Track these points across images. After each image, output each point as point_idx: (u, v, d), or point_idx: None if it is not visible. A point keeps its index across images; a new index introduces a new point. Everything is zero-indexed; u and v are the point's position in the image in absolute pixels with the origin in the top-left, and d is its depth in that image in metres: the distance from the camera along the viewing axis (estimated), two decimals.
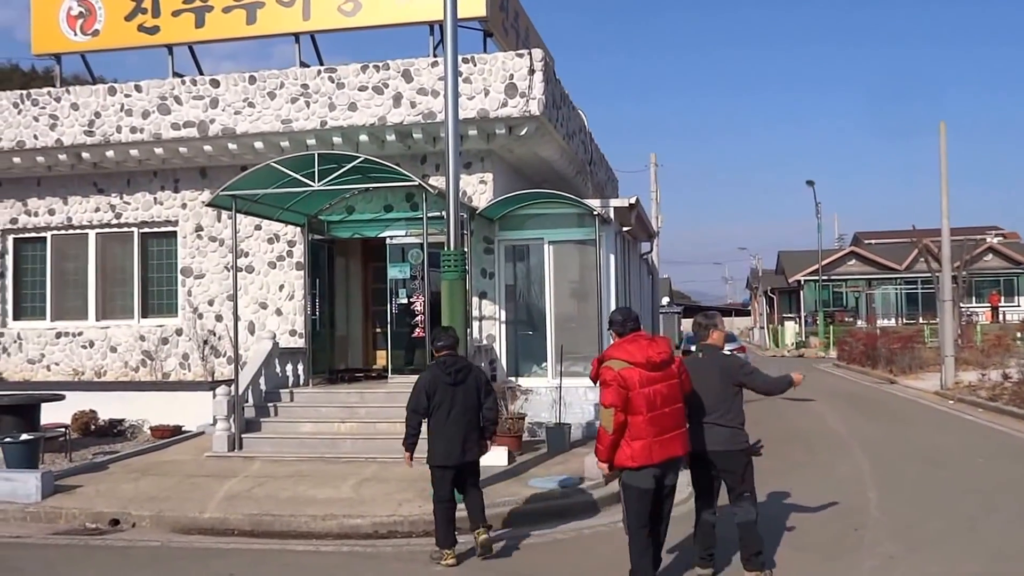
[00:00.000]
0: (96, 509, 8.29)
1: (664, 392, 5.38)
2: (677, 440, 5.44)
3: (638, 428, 5.30)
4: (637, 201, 12.26)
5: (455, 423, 6.48)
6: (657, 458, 5.32)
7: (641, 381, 5.32)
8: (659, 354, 5.44)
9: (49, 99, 13.34)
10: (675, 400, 5.47)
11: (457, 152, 8.80)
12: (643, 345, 5.47)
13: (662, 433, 5.33)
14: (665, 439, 5.35)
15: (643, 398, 5.30)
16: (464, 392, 6.56)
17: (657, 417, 5.32)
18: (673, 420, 5.43)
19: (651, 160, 31.85)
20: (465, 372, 6.66)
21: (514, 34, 14.01)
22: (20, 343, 14.22)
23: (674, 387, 5.48)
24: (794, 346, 41.76)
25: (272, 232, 13.20)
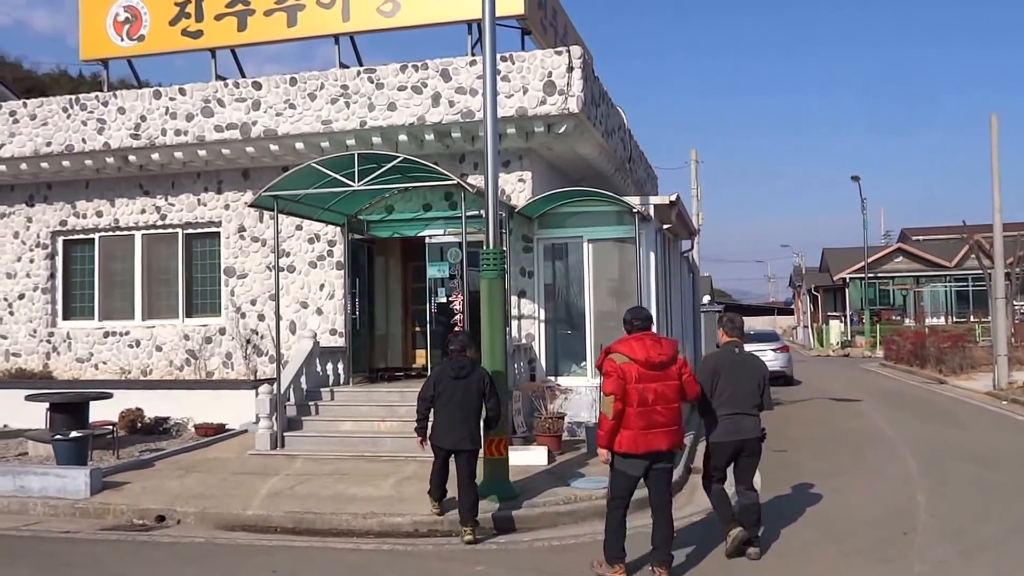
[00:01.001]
0: (143, 505, 8.43)
1: (658, 390, 5.79)
2: (663, 435, 5.84)
3: (628, 419, 5.77)
4: (678, 198, 12.08)
5: (453, 413, 7.30)
6: (642, 449, 5.80)
7: (638, 377, 5.76)
8: (659, 355, 5.86)
9: (97, 103, 13.63)
10: (670, 400, 5.86)
11: (496, 151, 8.76)
12: (647, 344, 5.89)
13: (649, 427, 5.77)
14: (651, 433, 5.79)
15: (636, 393, 5.74)
16: (465, 387, 7.33)
17: (646, 412, 5.76)
18: (664, 417, 5.83)
19: (692, 157, 31.49)
20: (468, 369, 7.42)
21: (552, 32, 13.94)
22: (70, 342, 14.57)
23: (671, 387, 5.87)
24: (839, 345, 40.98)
25: (313, 232, 13.32)
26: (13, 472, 9.16)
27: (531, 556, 6.92)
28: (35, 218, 14.85)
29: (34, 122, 13.86)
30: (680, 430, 6.03)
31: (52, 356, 14.61)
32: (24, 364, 14.61)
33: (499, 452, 8.39)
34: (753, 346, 21.75)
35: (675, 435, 5.94)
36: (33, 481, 8.99)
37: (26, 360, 14.68)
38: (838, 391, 19.43)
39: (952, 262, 42.78)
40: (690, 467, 10.20)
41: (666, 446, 5.88)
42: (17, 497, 8.87)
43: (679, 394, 5.95)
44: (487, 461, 8.43)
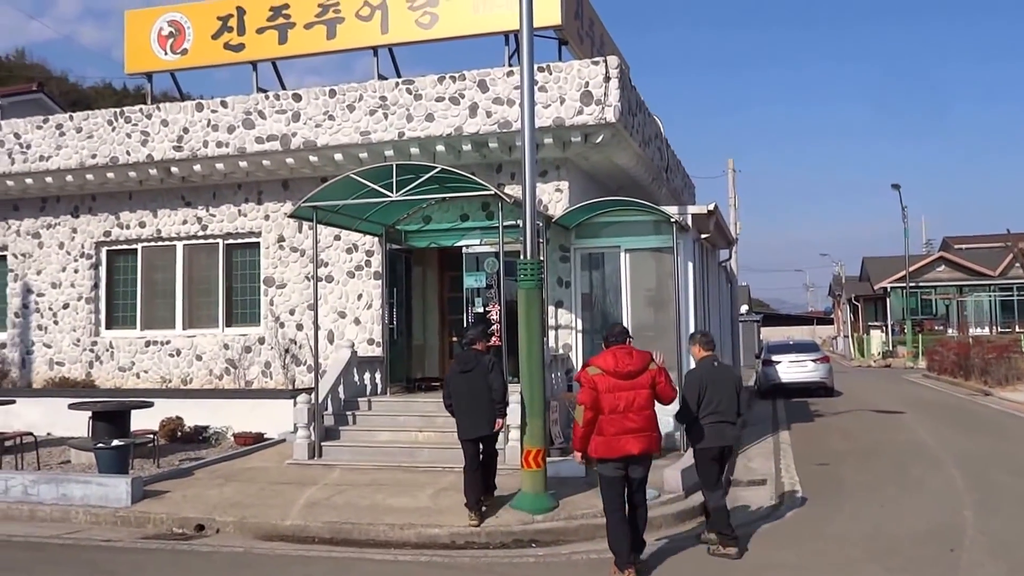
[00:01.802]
0: (183, 514, 8.51)
1: (629, 398, 6.27)
2: (634, 440, 6.26)
3: (601, 426, 6.26)
4: (715, 208, 11.95)
5: (466, 405, 8.08)
6: (614, 453, 6.25)
7: (608, 387, 6.26)
8: (628, 365, 6.34)
9: (141, 116, 13.90)
10: (642, 407, 6.31)
11: (534, 161, 8.73)
12: (618, 356, 6.40)
13: (620, 433, 6.23)
14: (623, 438, 6.24)
15: (608, 401, 6.24)
16: (471, 379, 8.07)
17: (617, 419, 6.23)
18: (635, 424, 6.27)
19: (728, 166, 31.24)
20: (473, 362, 8.16)
21: (589, 42, 13.91)
22: (112, 351, 14.82)
23: (642, 395, 6.33)
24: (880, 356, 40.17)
25: (351, 242, 13.41)
26: (56, 480, 9.31)
27: (569, 569, 6.86)
28: (80, 229, 15.16)
29: (80, 135, 14.17)
30: (655, 436, 6.44)
31: (95, 365, 14.87)
32: (68, 373, 14.88)
33: (536, 464, 8.32)
34: (792, 356, 21.55)
35: (648, 440, 6.35)
36: (75, 489, 9.13)
37: (69, 369, 14.95)
38: (880, 403, 19.01)
39: (996, 271, 41.80)
40: (730, 479, 10.04)
41: (638, 450, 6.30)
42: (59, 505, 9.01)
43: (651, 401, 6.39)
44: (524, 473, 8.38)
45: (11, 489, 9.30)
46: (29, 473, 9.75)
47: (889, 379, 28.17)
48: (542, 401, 8.51)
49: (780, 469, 10.79)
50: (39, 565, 7.32)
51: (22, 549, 7.84)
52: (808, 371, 21.01)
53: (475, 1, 13.02)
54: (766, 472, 10.62)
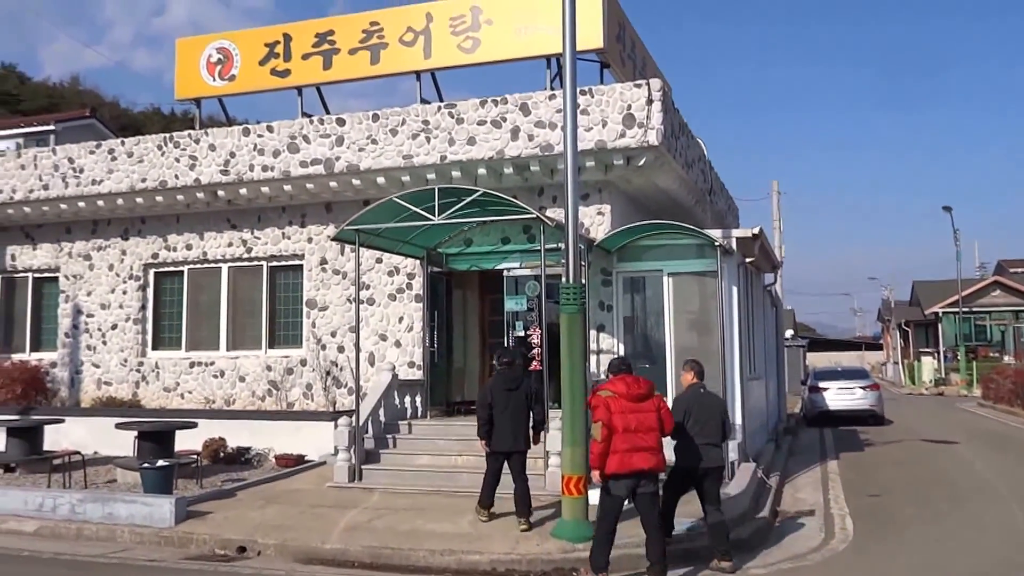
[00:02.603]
0: (225, 536, 8.52)
1: (639, 419, 6.86)
2: (644, 457, 6.81)
3: (614, 444, 6.79)
4: (761, 231, 11.74)
5: (509, 419, 8.53)
6: (627, 468, 6.78)
7: (621, 408, 6.86)
8: (638, 389, 7.00)
9: (189, 141, 14.19)
10: (650, 428, 6.89)
11: (576, 184, 8.66)
12: (628, 382, 7.07)
13: (632, 450, 6.78)
14: (635, 455, 6.79)
15: (621, 420, 6.81)
16: (516, 397, 8.59)
17: (630, 437, 6.80)
18: (644, 442, 6.83)
19: (773, 188, 30.74)
20: (518, 382, 8.75)
21: (631, 64, 13.88)
22: (158, 372, 15.04)
23: (650, 417, 6.94)
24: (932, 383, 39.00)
25: (392, 265, 13.46)
26: (103, 499, 9.42)
27: None
28: (129, 251, 15.49)
29: (131, 159, 14.52)
30: (661, 456, 6.97)
31: (141, 385, 15.10)
32: (115, 392, 15.14)
33: (577, 491, 8.17)
34: (841, 383, 21.00)
35: (656, 457, 6.89)
36: (121, 508, 9.22)
37: (117, 388, 15.21)
38: (933, 432, 18.40)
39: None
40: (776, 510, 9.76)
41: (648, 466, 6.84)
42: (105, 524, 9.10)
43: (658, 424, 6.98)
44: (565, 500, 8.23)
45: (59, 507, 9.44)
46: (77, 492, 9.89)
47: (942, 407, 27.29)
48: (584, 428, 8.36)
49: (829, 500, 10.48)
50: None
51: (69, 568, 7.92)
52: (857, 398, 20.45)
53: (517, 25, 13.10)
54: (814, 503, 10.32)
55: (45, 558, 8.24)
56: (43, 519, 9.37)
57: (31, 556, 8.31)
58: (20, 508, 9.58)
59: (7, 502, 9.71)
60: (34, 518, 9.42)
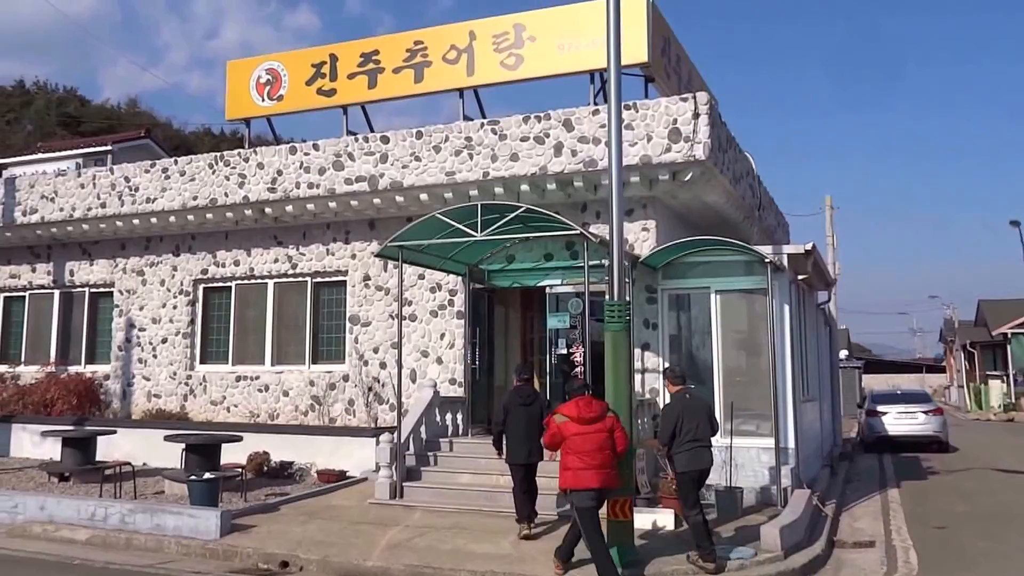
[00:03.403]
0: (268, 550, 8.54)
1: (591, 440, 7.38)
2: (595, 475, 7.31)
3: (569, 461, 7.41)
4: (814, 247, 11.43)
5: (523, 434, 8.94)
6: (582, 485, 7.31)
7: (573, 430, 7.43)
8: (589, 412, 7.54)
9: (239, 160, 14.45)
10: (601, 447, 7.39)
11: (621, 200, 8.54)
12: (580, 405, 7.60)
13: (585, 468, 7.31)
14: (589, 472, 7.30)
15: (575, 443, 7.40)
16: (529, 412, 8.99)
17: (584, 457, 7.34)
18: (597, 460, 7.34)
19: (826, 203, 30.01)
20: (533, 397, 9.25)
21: (676, 78, 13.74)
22: (205, 385, 15.27)
23: (602, 437, 7.43)
24: (1001, 408, 37.19)
25: (434, 281, 13.47)
26: (151, 510, 9.54)
27: None
28: (180, 267, 15.80)
29: (183, 178, 14.84)
30: (612, 474, 7.44)
31: (189, 398, 15.34)
32: (164, 405, 15.40)
33: (623, 514, 7.99)
34: (901, 407, 20.23)
35: (606, 475, 7.38)
36: (169, 520, 9.32)
37: (166, 401, 15.47)
38: (1004, 461, 17.55)
39: None
40: (833, 540, 9.41)
41: (598, 484, 7.32)
42: (153, 535, 9.21)
43: (609, 443, 7.45)
44: (611, 523, 8.05)
45: (110, 517, 9.60)
46: (127, 502, 10.04)
47: (1012, 434, 26.00)
48: (631, 447, 8.19)
49: (891, 531, 10.04)
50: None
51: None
52: (919, 423, 19.64)
53: (560, 41, 13.07)
54: (874, 533, 9.90)
55: (96, 567, 8.35)
56: (95, 528, 9.54)
57: (82, 564, 8.45)
58: (73, 517, 9.78)
59: (61, 511, 9.91)
60: (86, 527, 9.60)
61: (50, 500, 10.16)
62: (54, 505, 10.02)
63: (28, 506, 10.10)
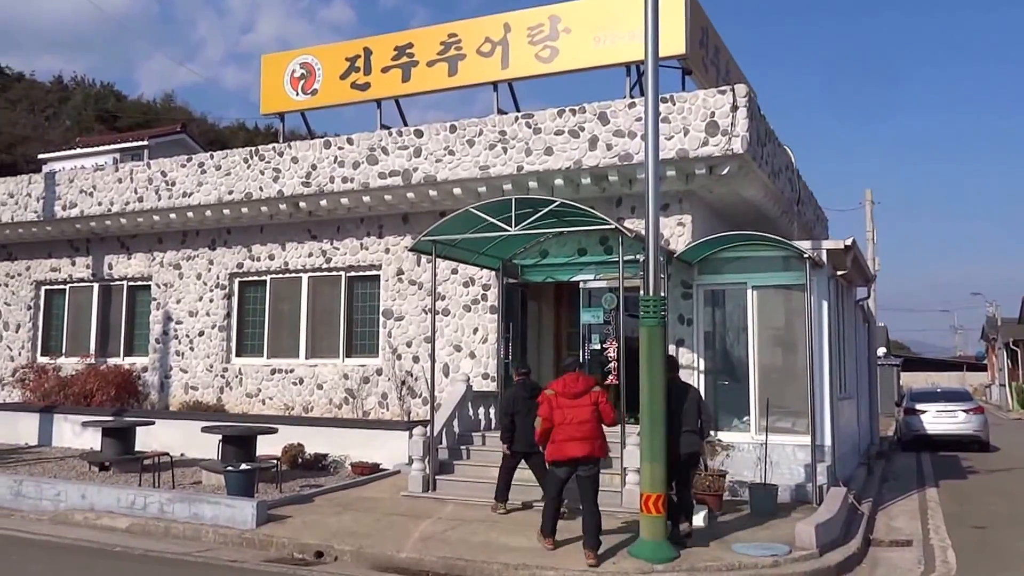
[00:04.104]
0: (303, 540, 8.62)
1: (576, 413, 7.92)
2: (578, 445, 7.85)
3: (553, 434, 7.96)
4: (853, 242, 11.23)
5: (529, 424, 8.96)
6: (563, 456, 7.91)
7: (560, 404, 8.01)
8: (575, 387, 8.09)
9: (274, 154, 14.57)
10: (584, 420, 7.91)
11: (657, 195, 8.45)
12: (567, 380, 8.18)
13: (568, 440, 7.87)
14: (571, 442, 7.86)
15: (560, 415, 7.96)
16: (535, 405, 8.85)
17: (568, 428, 7.88)
18: (580, 432, 7.87)
19: (866, 197, 29.43)
20: (536, 390, 9.34)
21: (714, 70, 13.57)
22: (241, 378, 15.45)
23: (586, 411, 7.94)
24: None
25: (468, 276, 13.48)
26: (189, 500, 9.68)
27: None
28: (216, 261, 15.99)
29: (219, 172, 15.00)
30: (597, 443, 7.91)
31: (225, 390, 15.53)
32: (201, 397, 15.61)
33: (657, 509, 7.94)
34: (941, 405, 19.84)
35: (590, 446, 7.87)
36: (206, 509, 9.45)
37: (203, 393, 15.68)
38: None
39: None
40: (869, 538, 9.25)
41: (581, 454, 7.85)
42: (191, 523, 9.35)
43: (593, 416, 7.94)
44: (644, 519, 8.01)
45: (149, 506, 9.77)
46: (165, 492, 10.20)
47: None
48: (663, 444, 8.12)
49: (928, 530, 9.85)
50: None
51: (160, 564, 8.16)
52: (959, 422, 19.25)
53: (595, 33, 12.97)
54: (912, 533, 9.73)
55: (136, 554, 8.50)
56: (134, 516, 9.71)
57: (123, 552, 8.60)
58: (114, 505, 9.96)
59: (102, 499, 10.11)
60: (126, 515, 9.77)
61: (91, 489, 10.36)
62: (95, 494, 10.21)
63: (70, 494, 10.31)
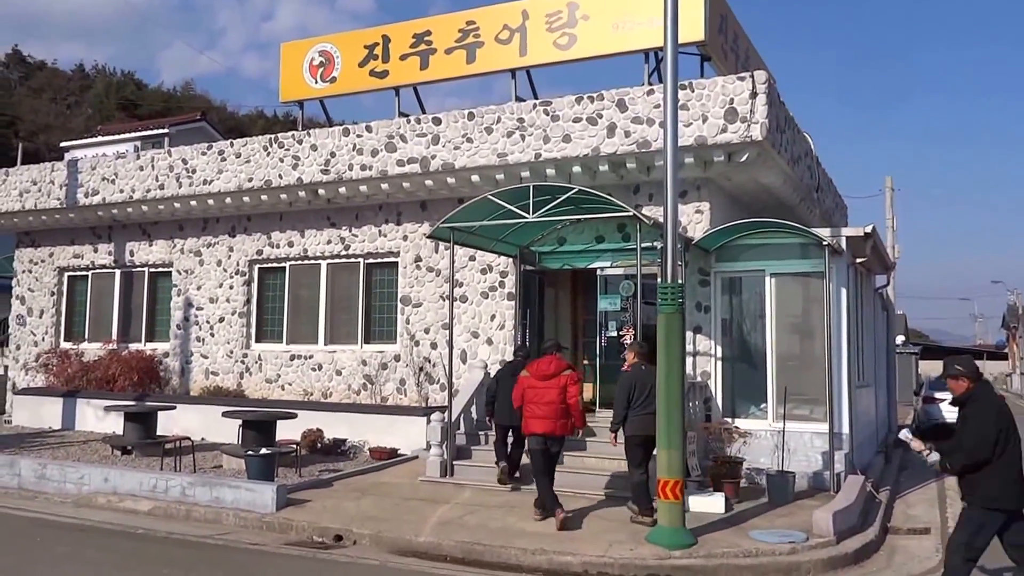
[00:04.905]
0: (322, 524, 8.73)
1: (542, 394, 8.77)
2: (540, 423, 8.75)
3: (525, 412, 8.90)
4: (874, 230, 11.13)
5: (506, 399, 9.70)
6: (530, 430, 8.87)
7: (530, 385, 8.90)
8: (546, 370, 8.90)
9: (293, 142, 14.64)
10: (547, 401, 8.73)
11: (676, 182, 8.42)
12: (541, 364, 9.01)
13: (533, 416, 8.80)
14: (535, 420, 8.78)
15: (530, 394, 8.86)
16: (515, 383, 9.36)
17: (533, 407, 8.79)
18: (543, 412, 8.73)
19: (886, 184, 29.08)
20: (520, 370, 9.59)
21: (733, 57, 13.46)
22: (260, 364, 15.60)
23: (550, 393, 8.74)
24: None
25: (485, 263, 13.51)
26: (210, 483, 9.82)
27: None
28: (236, 248, 16.12)
29: (239, 160, 15.10)
30: (559, 422, 8.73)
31: (245, 376, 15.69)
32: (221, 382, 15.78)
33: (674, 495, 7.97)
34: None
35: (552, 424, 8.72)
36: (227, 493, 9.59)
37: (223, 379, 15.85)
38: None
39: None
40: (887, 526, 9.24)
41: (543, 431, 8.73)
42: (212, 507, 9.49)
43: (559, 397, 8.71)
44: (661, 504, 8.04)
45: (171, 489, 9.92)
46: (187, 475, 10.35)
47: None
48: (681, 430, 8.15)
49: (947, 519, 9.79)
50: (198, 564, 7.73)
51: (182, 546, 8.30)
52: None
53: (614, 20, 12.90)
54: (930, 521, 9.69)
55: (158, 536, 8.65)
56: (156, 499, 9.87)
57: (145, 534, 8.75)
58: (136, 488, 10.12)
59: (124, 482, 10.27)
60: (148, 498, 9.93)
61: (114, 472, 10.53)
62: (117, 477, 10.38)
63: (93, 478, 10.49)
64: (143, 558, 7.84)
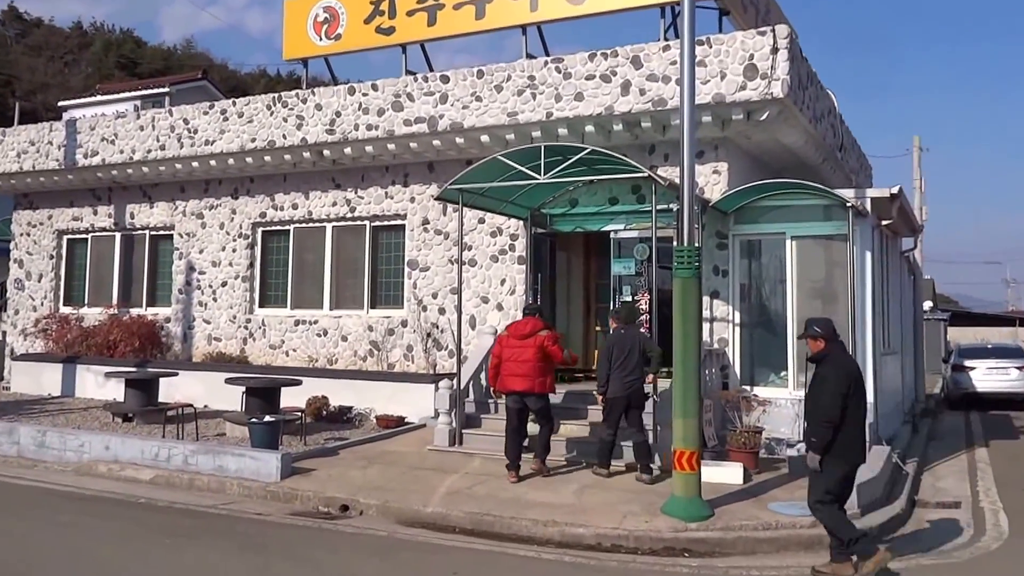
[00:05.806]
0: (328, 493, 8.51)
1: (519, 353, 9.10)
2: (519, 380, 9.08)
3: (502, 370, 9.21)
4: (900, 191, 10.70)
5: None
6: (505, 388, 9.21)
7: (508, 344, 9.24)
8: (522, 330, 9.24)
9: (297, 101, 14.20)
10: (524, 360, 9.06)
11: (693, 142, 8.02)
12: (519, 324, 9.41)
13: (511, 375, 9.10)
14: (513, 377, 9.09)
15: (507, 353, 9.19)
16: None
17: (511, 365, 9.12)
18: (520, 370, 9.07)
19: (914, 143, 28.30)
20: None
21: (753, 11, 12.90)
22: (264, 329, 15.32)
23: (527, 352, 9.07)
24: None
25: (495, 225, 13.13)
26: (214, 452, 9.60)
27: None
28: (239, 210, 15.76)
29: (241, 119, 14.67)
30: (537, 380, 9.06)
31: (248, 342, 15.43)
32: (224, 348, 15.54)
33: (690, 466, 7.71)
34: (991, 362, 19.21)
35: (529, 382, 9.05)
36: (231, 462, 9.37)
37: (226, 344, 15.60)
38: None
39: None
40: (915, 499, 8.96)
41: (520, 388, 9.06)
42: (216, 476, 9.28)
43: (536, 356, 9.05)
44: (677, 475, 7.77)
45: (173, 457, 9.71)
46: (190, 443, 10.13)
47: None
48: (697, 399, 7.84)
49: (978, 492, 9.52)
50: (201, 533, 7.54)
51: (185, 516, 8.11)
52: (1011, 380, 18.65)
53: None
54: (960, 494, 9.40)
55: (161, 506, 8.45)
56: (158, 468, 9.66)
57: (148, 503, 8.56)
58: (138, 457, 9.91)
59: (126, 450, 10.06)
60: (150, 467, 9.73)
61: (115, 440, 10.31)
62: (119, 445, 10.17)
63: (93, 445, 10.28)
64: (146, 528, 7.65)
